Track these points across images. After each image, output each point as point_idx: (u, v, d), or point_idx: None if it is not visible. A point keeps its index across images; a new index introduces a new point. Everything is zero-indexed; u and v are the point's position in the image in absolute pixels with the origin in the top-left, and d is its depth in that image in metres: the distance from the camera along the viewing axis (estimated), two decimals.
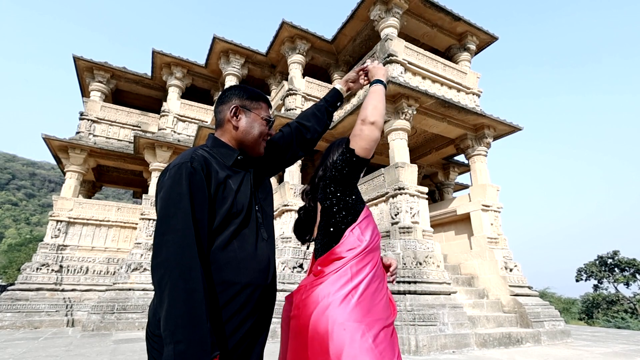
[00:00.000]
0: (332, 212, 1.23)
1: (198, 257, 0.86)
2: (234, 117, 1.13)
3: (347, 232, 1.21)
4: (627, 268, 21.92)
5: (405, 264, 5.66)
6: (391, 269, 1.36)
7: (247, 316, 0.97)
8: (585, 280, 23.97)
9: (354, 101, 7.77)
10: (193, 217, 0.89)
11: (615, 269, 22.55)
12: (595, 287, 23.33)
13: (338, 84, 1.44)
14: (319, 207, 1.31)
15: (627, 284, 21.61)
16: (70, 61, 10.70)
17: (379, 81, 1.32)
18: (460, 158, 10.48)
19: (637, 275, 21.52)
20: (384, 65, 7.06)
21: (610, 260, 22.84)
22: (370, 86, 1.33)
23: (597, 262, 23.50)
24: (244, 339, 0.96)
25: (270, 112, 1.21)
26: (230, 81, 10.06)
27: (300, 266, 7.12)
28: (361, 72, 1.43)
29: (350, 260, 1.16)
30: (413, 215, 6.19)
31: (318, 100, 10.46)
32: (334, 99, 1.39)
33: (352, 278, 1.13)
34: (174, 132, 10.31)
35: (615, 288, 22.09)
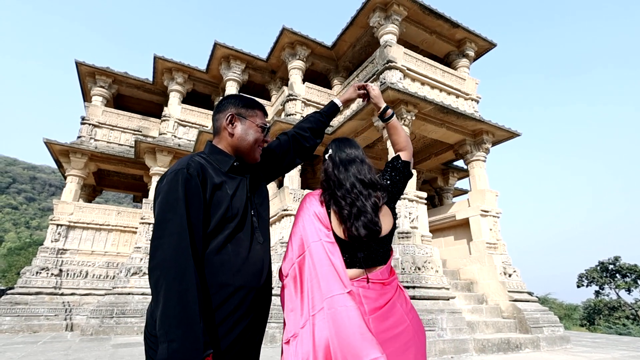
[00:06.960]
0: (395, 221, 1.29)
1: (192, 260, 0.90)
2: (230, 125, 1.18)
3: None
4: (628, 274, 21.79)
5: (404, 268, 5.67)
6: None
7: (240, 317, 0.99)
8: (587, 286, 23.83)
9: (354, 107, 7.83)
10: (188, 222, 0.93)
11: (617, 274, 22.42)
12: (597, 293, 23.19)
13: (337, 99, 1.51)
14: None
15: (629, 290, 21.48)
16: (73, 64, 10.81)
17: (389, 109, 1.47)
18: (460, 163, 10.51)
19: (639, 282, 21.40)
20: (383, 70, 7.14)
21: (611, 266, 22.72)
22: (390, 119, 1.45)
23: (599, 267, 23.38)
24: (238, 340, 0.99)
25: (267, 120, 1.26)
26: (230, 86, 10.13)
27: None
28: (362, 90, 1.50)
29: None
30: (412, 220, 6.21)
31: (318, 105, 10.28)
32: (331, 111, 1.49)
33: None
34: (175, 136, 10.37)
35: (617, 294, 21.96)
